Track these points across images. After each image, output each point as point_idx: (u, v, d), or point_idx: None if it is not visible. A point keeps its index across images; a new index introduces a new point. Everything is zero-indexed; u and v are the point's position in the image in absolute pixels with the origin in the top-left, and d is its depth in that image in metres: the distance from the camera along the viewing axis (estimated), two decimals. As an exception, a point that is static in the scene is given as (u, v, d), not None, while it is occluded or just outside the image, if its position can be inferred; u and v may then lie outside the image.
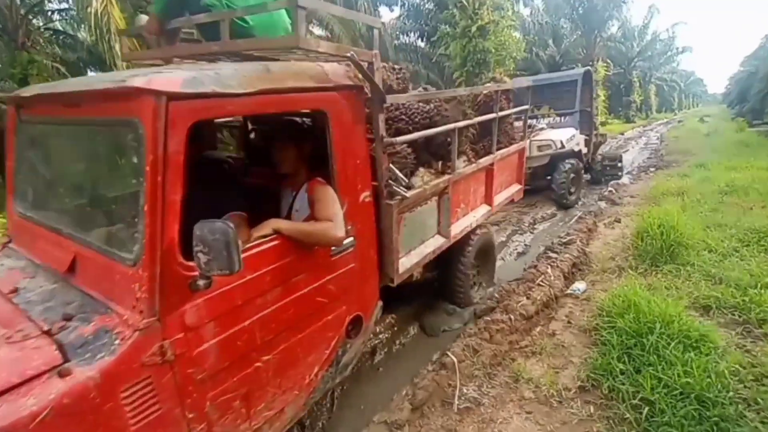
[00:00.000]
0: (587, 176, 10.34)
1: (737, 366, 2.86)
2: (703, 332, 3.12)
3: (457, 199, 3.61)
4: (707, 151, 13.71)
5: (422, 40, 23.35)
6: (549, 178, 8.66)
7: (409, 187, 2.91)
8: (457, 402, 2.86)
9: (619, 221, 6.70)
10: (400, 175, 2.71)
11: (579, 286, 4.41)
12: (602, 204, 7.98)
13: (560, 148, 8.24)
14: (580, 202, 8.77)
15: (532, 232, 6.90)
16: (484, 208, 4.18)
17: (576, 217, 7.41)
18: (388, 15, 26.81)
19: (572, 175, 8.34)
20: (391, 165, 2.65)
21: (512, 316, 3.66)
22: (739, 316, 3.58)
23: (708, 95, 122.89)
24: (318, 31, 19.49)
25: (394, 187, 2.63)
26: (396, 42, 21.53)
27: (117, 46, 8.03)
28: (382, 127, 2.50)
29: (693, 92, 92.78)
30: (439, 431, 2.63)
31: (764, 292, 3.75)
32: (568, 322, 3.79)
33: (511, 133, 4.75)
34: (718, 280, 4.20)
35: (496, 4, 14.30)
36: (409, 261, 3.02)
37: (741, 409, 2.50)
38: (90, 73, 21.07)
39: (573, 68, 11.15)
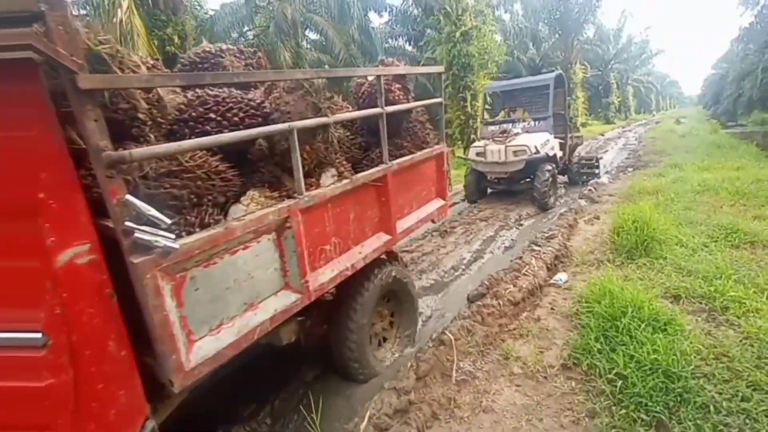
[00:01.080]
0: (563, 177, 10.73)
1: (700, 346, 3.17)
2: (671, 316, 3.47)
3: (320, 233, 2.58)
4: (682, 152, 14.27)
5: (410, 44, 23.95)
6: (525, 181, 9.13)
7: (205, 226, 1.98)
8: (455, 374, 3.17)
9: (598, 218, 7.09)
10: (155, 213, 1.63)
11: (561, 276, 4.76)
12: (582, 202, 8.36)
13: (535, 153, 8.48)
14: (561, 201, 9.22)
15: (518, 228, 7.28)
16: (379, 239, 3.14)
17: (558, 215, 7.79)
18: (377, 20, 27.34)
19: (550, 179, 8.58)
20: (129, 197, 1.61)
21: (501, 302, 3.98)
22: (706, 305, 3.86)
23: (684, 97, 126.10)
24: (313, 35, 19.96)
25: (141, 235, 1.62)
26: (386, 45, 22.12)
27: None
28: (98, 132, 1.54)
29: (669, 94, 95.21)
30: (441, 399, 2.92)
31: (728, 283, 4.04)
32: (552, 309, 4.13)
33: (422, 134, 3.77)
34: (687, 272, 4.49)
35: (477, 10, 14.78)
36: (216, 343, 1.96)
37: (702, 383, 2.79)
38: None
39: (553, 71, 11.60)
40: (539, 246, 5.41)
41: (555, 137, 9.50)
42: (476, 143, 9.64)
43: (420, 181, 3.71)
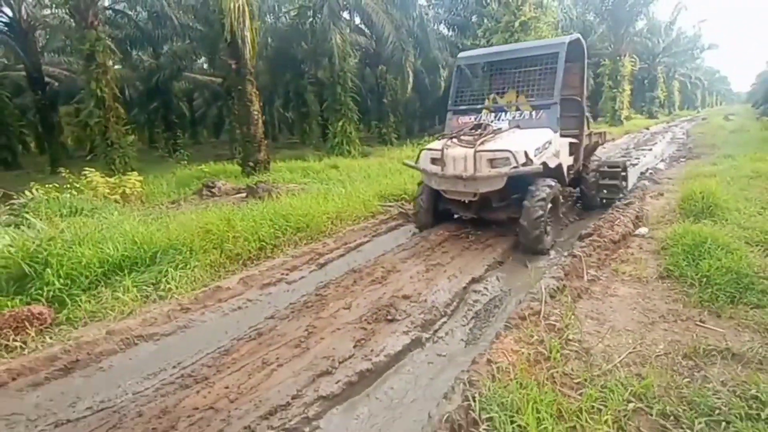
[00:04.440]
0: (575, 192, 8.49)
1: (760, 262, 4.85)
2: (738, 246, 5.15)
3: None
4: (733, 145, 15.90)
5: (452, 30, 25.48)
6: (506, 203, 6.49)
7: None
8: (586, 276, 4.89)
9: (662, 195, 8.81)
10: None
11: (643, 230, 6.45)
12: (646, 182, 10.06)
13: (524, 164, 5.85)
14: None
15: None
16: None
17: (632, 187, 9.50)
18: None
19: (549, 205, 6.11)
20: None
21: (604, 240, 5.70)
22: (764, 249, 5.49)
23: (732, 93, 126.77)
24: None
25: None
26: (427, 29, 23.41)
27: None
28: None
29: (716, 90, 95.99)
30: (580, 288, 4.63)
31: (779, 233, 5.78)
32: (641, 248, 5.84)
33: None
34: (746, 228, 6.14)
35: (537, 1, 16.40)
36: None
37: (761, 279, 4.46)
38: (133, 52, 23.19)
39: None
40: (621, 209, 7.12)
41: (564, 135, 7.00)
42: (431, 144, 6.89)
43: None
